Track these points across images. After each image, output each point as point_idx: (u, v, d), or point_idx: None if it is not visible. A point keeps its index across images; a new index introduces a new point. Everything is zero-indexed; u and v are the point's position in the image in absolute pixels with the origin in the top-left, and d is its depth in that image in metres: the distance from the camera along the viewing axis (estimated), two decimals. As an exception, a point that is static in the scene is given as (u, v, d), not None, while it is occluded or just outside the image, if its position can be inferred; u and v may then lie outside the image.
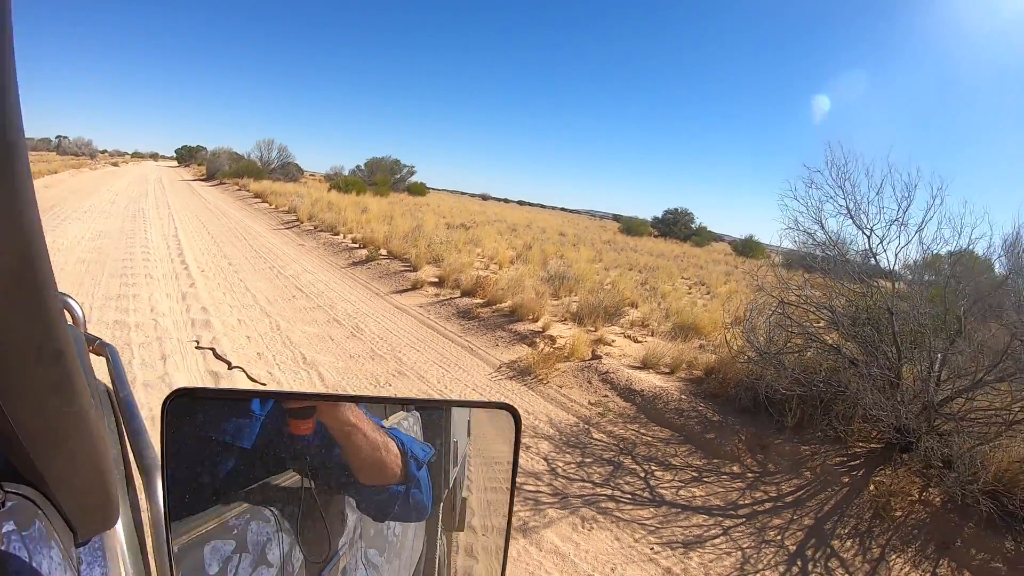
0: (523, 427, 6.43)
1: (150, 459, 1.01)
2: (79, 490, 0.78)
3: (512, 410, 0.97)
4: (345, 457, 0.91)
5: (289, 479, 0.91)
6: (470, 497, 1.14)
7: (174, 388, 0.81)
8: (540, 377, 7.90)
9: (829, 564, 4.55)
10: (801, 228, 7.58)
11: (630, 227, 47.29)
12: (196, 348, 7.93)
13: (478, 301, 11.64)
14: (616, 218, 55.96)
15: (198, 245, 16.65)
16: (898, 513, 5.07)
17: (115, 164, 77.16)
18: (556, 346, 8.86)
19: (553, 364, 8.15)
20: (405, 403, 1.11)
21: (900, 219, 6.72)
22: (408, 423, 1.04)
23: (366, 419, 0.92)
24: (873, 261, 6.99)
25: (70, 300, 1.94)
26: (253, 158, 52.32)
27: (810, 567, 4.51)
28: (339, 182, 39.22)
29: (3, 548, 0.63)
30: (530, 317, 10.47)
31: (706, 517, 5.04)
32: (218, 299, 10.83)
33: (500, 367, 8.47)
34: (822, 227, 7.40)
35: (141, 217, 20.46)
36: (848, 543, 4.82)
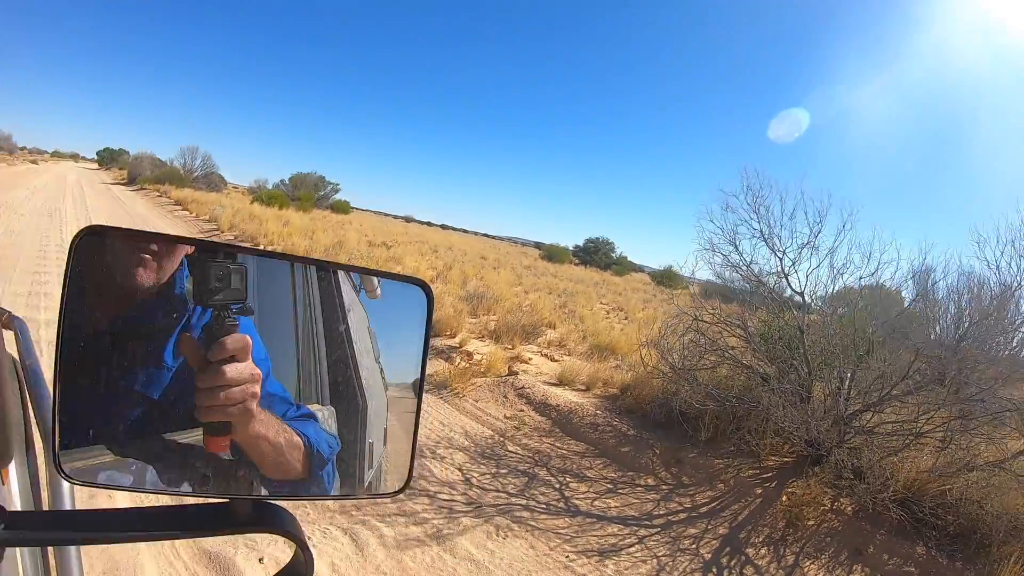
0: (438, 439, 6.27)
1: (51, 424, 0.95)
2: None
3: (424, 285, 0.94)
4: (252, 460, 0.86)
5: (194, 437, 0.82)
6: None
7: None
8: (456, 391, 7.73)
9: (744, 571, 4.51)
10: (716, 249, 7.71)
11: (551, 254, 47.70)
12: None
13: None
14: (538, 245, 56.54)
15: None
16: (811, 522, 5.09)
17: (34, 162, 73.13)
18: (473, 361, 8.72)
19: (470, 379, 8.01)
20: (318, 264, 0.97)
21: (811, 243, 6.92)
22: (323, 415, 0.92)
23: (274, 422, 0.85)
24: (785, 282, 7.16)
25: None
26: (176, 165, 50.63)
27: (725, 574, 4.44)
28: (262, 195, 38.22)
29: None
30: (448, 333, 10.35)
31: (621, 527, 4.95)
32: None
33: None
34: (736, 248, 7.53)
35: (57, 216, 19.36)
36: (763, 551, 4.80)
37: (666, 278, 39.36)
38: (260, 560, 3.92)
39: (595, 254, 51.07)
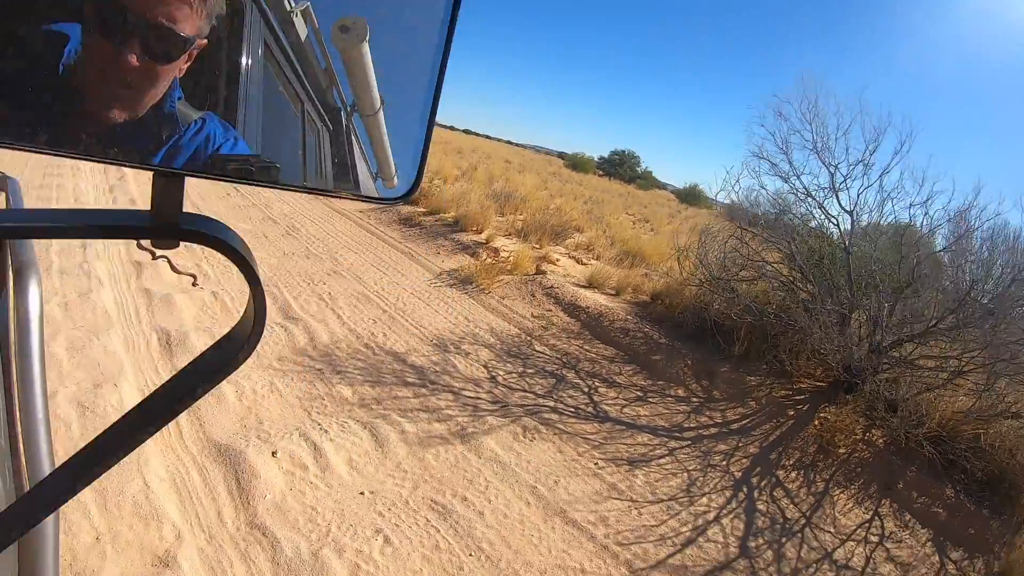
0: (463, 334, 6.10)
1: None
2: None
3: None
4: None
5: None
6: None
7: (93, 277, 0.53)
8: (482, 287, 7.52)
9: (775, 493, 4.36)
10: (765, 156, 7.25)
11: (576, 163, 46.71)
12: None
13: (421, 210, 11.17)
14: (561, 155, 55.29)
15: None
16: (842, 450, 4.91)
17: None
18: (499, 258, 8.46)
19: (496, 275, 7.75)
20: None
21: (865, 160, 6.48)
22: None
23: None
24: (835, 199, 6.76)
25: None
26: None
27: (756, 495, 4.30)
28: None
29: None
30: (474, 228, 10.06)
31: (651, 437, 4.78)
32: (146, 192, 10.16)
33: (440, 274, 8.07)
34: (787, 157, 7.09)
35: None
36: (793, 474, 4.64)
37: (691, 196, 38.63)
38: (273, 454, 3.77)
39: (620, 167, 49.97)
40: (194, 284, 6.57)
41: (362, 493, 3.58)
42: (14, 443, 1.23)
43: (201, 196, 10.65)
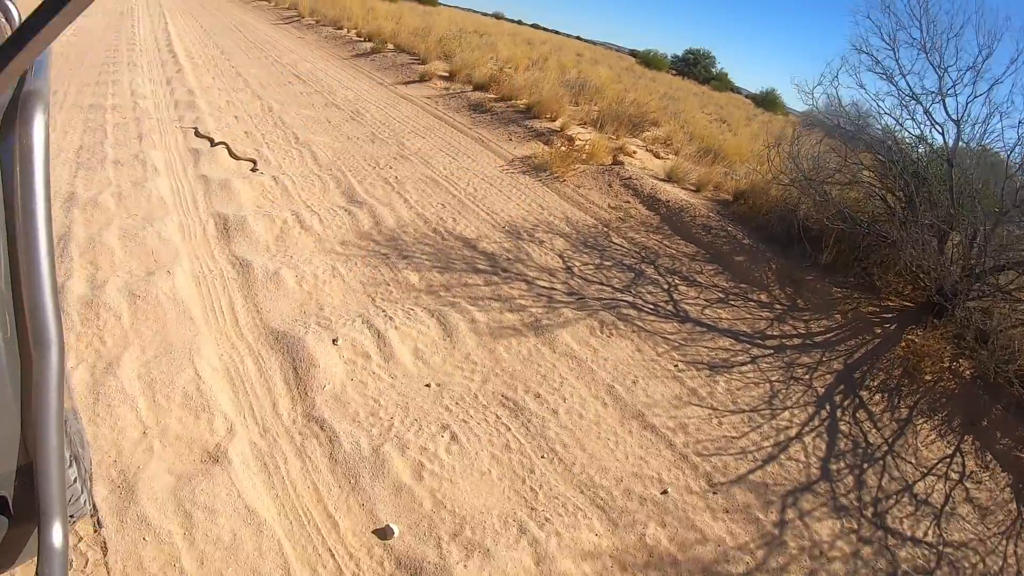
0: (536, 222, 5.86)
1: None
2: None
3: None
4: None
5: None
6: None
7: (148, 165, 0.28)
8: (556, 175, 7.21)
9: (857, 415, 4.14)
10: (867, 51, 6.57)
11: (648, 60, 44.64)
12: (178, 127, 7.50)
13: (491, 96, 10.70)
14: (633, 53, 52.89)
15: (189, 36, 16.09)
16: (928, 377, 4.63)
17: None
18: (574, 147, 8.05)
19: (571, 164, 7.39)
20: None
21: (977, 67, 5.83)
22: None
23: None
24: (942, 105, 6.14)
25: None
26: None
27: (839, 414, 4.08)
28: None
29: None
30: (547, 116, 9.58)
31: (733, 342, 4.54)
32: (206, 84, 10.40)
33: (513, 160, 7.77)
34: (894, 52, 6.40)
35: (128, 15, 18.60)
36: (876, 396, 4.40)
37: (767, 101, 36.77)
38: (334, 341, 3.63)
39: (694, 66, 47.79)
40: (253, 169, 6.45)
41: (428, 385, 3.44)
42: (15, 276, 1.29)
43: (261, 84, 10.55)
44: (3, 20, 1.90)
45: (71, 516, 1.99)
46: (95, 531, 2.36)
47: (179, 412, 2.96)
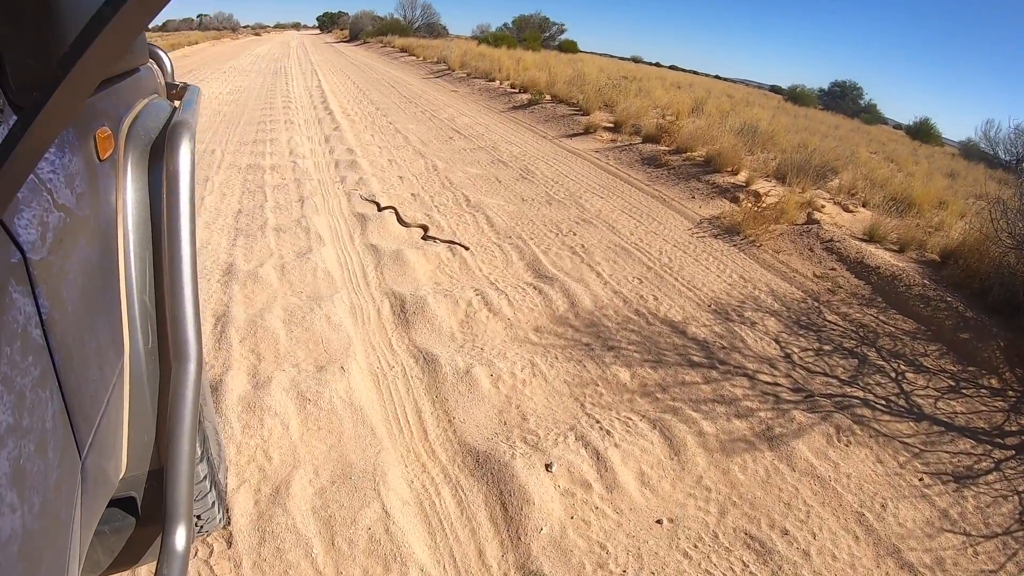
0: (742, 298, 5.65)
1: None
2: None
3: None
4: None
5: None
6: None
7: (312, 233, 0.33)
8: (751, 239, 7.01)
9: None
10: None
11: (795, 96, 43.52)
12: (340, 189, 7.56)
13: (664, 148, 10.63)
14: (774, 89, 51.11)
15: (343, 93, 16.81)
16: None
17: (257, 34, 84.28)
18: (763, 204, 7.85)
19: (765, 225, 7.17)
20: None
21: None
22: None
23: None
24: None
25: (159, 51, 2.21)
26: (396, 17, 54.92)
27: (1109, 532, 3.88)
28: (488, 37, 39.38)
29: None
30: (728, 169, 9.38)
31: (973, 443, 4.17)
32: (365, 141, 10.55)
33: (701, 222, 7.61)
34: None
35: (283, 74, 20.75)
36: None
37: (922, 132, 34.76)
38: (547, 467, 3.28)
39: (842, 99, 46.58)
40: (424, 237, 6.21)
41: (659, 522, 3.04)
42: (159, 291, 1.41)
43: (422, 141, 10.75)
44: (156, 68, 2.13)
45: (202, 527, 2.09)
46: None
47: (364, 561, 2.60)
